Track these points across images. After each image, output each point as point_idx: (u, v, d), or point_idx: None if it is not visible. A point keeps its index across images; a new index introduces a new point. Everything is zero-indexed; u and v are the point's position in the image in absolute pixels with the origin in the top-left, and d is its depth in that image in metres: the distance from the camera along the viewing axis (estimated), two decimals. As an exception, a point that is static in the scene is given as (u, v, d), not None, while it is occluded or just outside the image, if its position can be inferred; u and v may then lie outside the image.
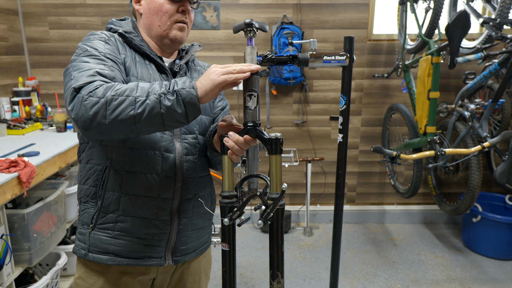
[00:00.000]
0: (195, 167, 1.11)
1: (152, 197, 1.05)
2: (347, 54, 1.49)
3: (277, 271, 0.92)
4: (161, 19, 1.07)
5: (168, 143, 1.06)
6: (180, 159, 1.07)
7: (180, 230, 1.11)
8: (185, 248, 1.14)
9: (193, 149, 1.10)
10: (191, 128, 1.10)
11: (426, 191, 3.47)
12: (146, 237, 1.07)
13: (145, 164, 1.03)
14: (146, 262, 1.08)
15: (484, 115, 2.40)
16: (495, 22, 2.16)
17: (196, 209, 1.14)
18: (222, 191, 0.94)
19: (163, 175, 1.05)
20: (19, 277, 1.99)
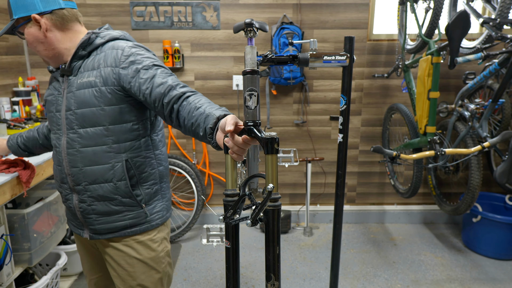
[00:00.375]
0: (77, 159, 1.24)
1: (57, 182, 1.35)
2: (347, 54, 1.49)
3: (271, 273, 0.92)
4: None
5: (55, 140, 1.29)
6: (64, 152, 1.26)
7: (82, 213, 1.30)
8: (94, 228, 1.31)
9: (73, 143, 1.24)
10: (70, 125, 1.24)
11: (426, 191, 3.47)
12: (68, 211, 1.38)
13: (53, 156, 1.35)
14: (75, 230, 1.40)
15: (484, 115, 2.40)
16: (495, 22, 2.16)
17: (93, 194, 1.27)
18: (225, 189, 0.95)
19: (57, 165, 1.31)
20: (19, 277, 1.99)
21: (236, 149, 0.91)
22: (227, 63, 3.17)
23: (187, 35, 3.11)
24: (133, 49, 1.21)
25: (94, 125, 1.22)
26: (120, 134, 1.23)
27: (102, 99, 1.20)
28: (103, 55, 1.22)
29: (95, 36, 1.25)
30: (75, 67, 1.24)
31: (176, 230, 3.15)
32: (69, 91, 1.23)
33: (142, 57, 1.20)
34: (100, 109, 1.21)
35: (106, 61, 1.21)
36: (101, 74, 1.20)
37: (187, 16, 3.06)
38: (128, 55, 1.19)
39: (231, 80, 3.20)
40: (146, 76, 1.16)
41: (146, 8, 3.04)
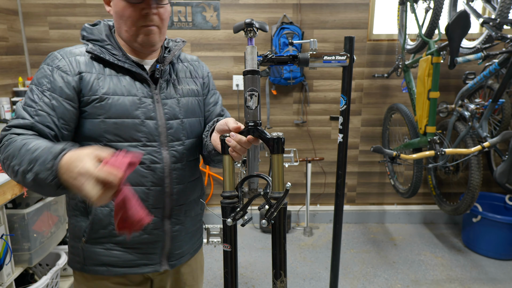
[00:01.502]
0: (184, 174, 1.10)
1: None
2: (347, 54, 1.49)
3: (280, 270, 0.92)
4: (125, 24, 1.01)
5: (153, 154, 1.04)
6: (168, 168, 1.06)
7: (174, 236, 1.12)
8: (180, 252, 1.16)
9: (181, 156, 1.08)
10: (177, 135, 1.08)
11: (426, 191, 3.47)
12: (140, 246, 1.08)
13: (132, 177, 1.02)
14: (142, 270, 1.09)
15: (484, 115, 2.40)
16: (495, 22, 2.16)
17: (188, 213, 1.15)
18: (223, 191, 0.94)
19: (152, 186, 1.04)
20: (19, 277, 1.99)
21: (238, 148, 0.91)
22: (227, 63, 3.17)
23: (187, 35, 3.11)
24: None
25: (196, 136, 1.15)
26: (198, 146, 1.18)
27: (201, 109, 1.18)
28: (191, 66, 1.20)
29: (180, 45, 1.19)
30: (166, 71, 1.10)
31: (176, 230, 3.15)
32: (170, 97, 1.08)
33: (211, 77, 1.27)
34: (201, 119, 1.18)
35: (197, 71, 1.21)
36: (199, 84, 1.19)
37: (187, 16, 3.06)
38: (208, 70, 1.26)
39: (231, 80, 3.20)
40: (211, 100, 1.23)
41: (146, 8, 3.03)
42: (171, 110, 1.07)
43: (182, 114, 1.09)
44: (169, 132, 1.06)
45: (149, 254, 1.09)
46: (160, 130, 1.05)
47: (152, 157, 1.03)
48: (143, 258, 1.09)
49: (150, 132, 1.03)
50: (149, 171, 1.03)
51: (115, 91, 1.01)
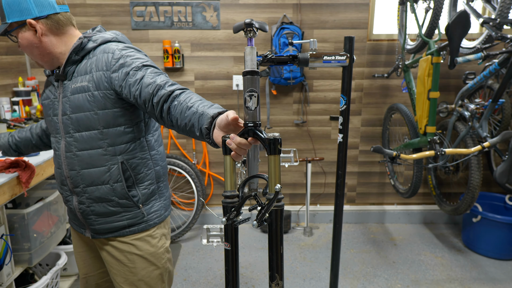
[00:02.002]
0: (74, 162, 1.27)
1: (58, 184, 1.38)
2: (347, 54, 1.49)
3: (275, 272, 0.92)
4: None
5: (56, 144, 1.31)
6: (63, 155, 1.29)
7: (82, 214, 1.33)
8: (94, 228, 1.34)
9: (70, 146, 1.26)
10: (66, 129, 1.26)
11: (426, 191, 3.47)
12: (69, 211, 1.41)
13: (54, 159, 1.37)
14: (78, 229, 1.43)
15: (484, 115, 2.40)
16: (495, 22, 2.16)
17: (91, 197, 1.29)
18: (224, 191, 0.94)
19: (57, 168, 1.34)
20: (19, 277, 1.99)
21: (238, 150, 0.91)
22: (227, 63, 3.17)
23: (187, 35, 3.11)
24: (123, 51, 1.20)
25: (88, 129, 1.24)
26: (114, 137, 1.25)
27: (95, 103, 1.21)
28: (95, 59, 1.22)
29: (87, 40, 1.25)
30: (69, 72, 1.25)
31: (176, 230, 3.15)
32: (64, 96, 1.25)
33: (132, 59, 1.19)
34: (93, 113, 1.22)
35: (97, 65, 1.21)
36: (93, 79, 1.20)
37: (187, 16, 3.06)
38: (118, 58, 1.19)
39: (231, 80, 3.20)
40: (135, 78, 1.14)
41: (146, 8, 3.04)
42: (64, 107, 1.25)
43: (69, 110, 1.24)
44: (63, 126, 1.26)
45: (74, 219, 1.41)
46: (59, 124, 1.27)
47: (55, 146, 1.32)
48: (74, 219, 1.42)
49: (55, 126, 1.30)
50: (55, 155, 1.33)
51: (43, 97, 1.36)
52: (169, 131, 3.28)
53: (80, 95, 1.22)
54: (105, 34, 1.28)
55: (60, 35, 1.24)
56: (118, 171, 1.27)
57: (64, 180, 1.32)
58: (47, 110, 1.33)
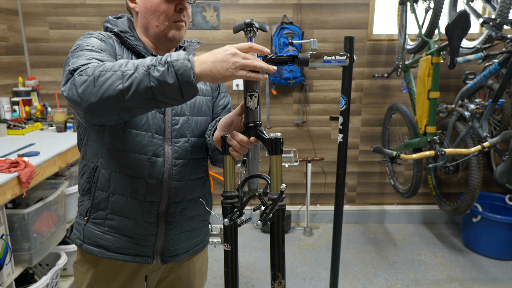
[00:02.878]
0: (185, 171, 1.10)
1: (138, 200, 1.06)
2: (347, 54, 1.49)
3: (278, 272, 0.92)
4: (158, 19, 1.05)
5: (157, 147, 1.05)
6: (169, 163, 1.07)
7: (168, 232, 1.12)
8: (175, 249, 1.15)
9: (184, 152, 1.09)
10: (182, 132, 1.09)
11: (426, 191, 3.47)
12: (133, 235, 1.09)
13: (132, 167, 1.04)
14: (133, 259, 1.11)
15: (484, 115, 2.40)
16: (495, 22, 2.16)
17: (185, 212, 1.14)
18: (224, 191, 0.94)
19: (150, 179, 1.06)
20: (19, 277, 1.99)
21: (239, 148, 0.91)
22: (227, 63, 3.17)
23: (187, 35, 3.10)
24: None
25: (202, 134, 1.14)
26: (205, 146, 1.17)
27: (209, 109, 1.17)
28: None
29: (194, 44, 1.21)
30: None
31: (176, 230, 3.15)
32: None
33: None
34: (209, 119, 1.17)
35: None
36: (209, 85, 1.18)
37: (187, 16, 3.06)
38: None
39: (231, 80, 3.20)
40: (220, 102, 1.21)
41: (146, 8, 3.03)
42: (178, 106, 1.08)
43: (188, 111, 1.10)
44: (174, 128, 1.07)
45: (142, 245, 1.10)
46: (166, 125, 1.06)
47: (155, 150, 1.05)
48: (136, 248, 1.10)
49: (159, 125, 1.06)
50: (149, 163, 1.05)
51: None
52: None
53: (200, 97, 1.14)
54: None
55: None
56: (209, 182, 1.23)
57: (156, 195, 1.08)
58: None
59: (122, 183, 1.05)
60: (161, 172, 1.06)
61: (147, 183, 1.05)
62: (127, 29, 1.09)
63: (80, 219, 1.14)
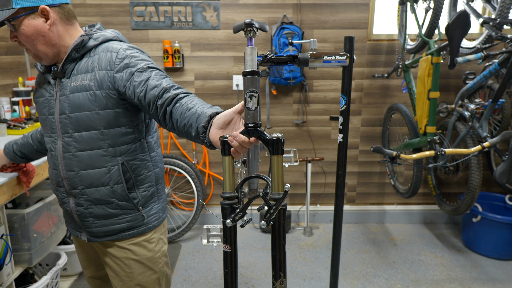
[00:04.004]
0: (72, 163, 1.24)
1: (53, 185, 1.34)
2: (347, 54, 1.49)
3: (279, 271, 0.92)
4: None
5: (52, 144, 1.27)
6: (60, 156, 1.25)
7: (79, 216, 1.30)
8: (91, 231, 1.32)
9: (68, 146, 1.23)
10: (65, 128, 1.23)
11: (426, 191, 3.47)
12: (65, 214, 1.39)
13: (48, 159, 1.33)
14: (73, 232, 1.40)
15: (484, 115, 2.40)
16: (495, 22, 2.16)
17: (90, 199, 1.27)
18: (223, 192, 0.94)
19: (53, 169, 1.30)
20: (19, 277, 1.99)
21: (239, 148, 0.91)
22: (227, 63, 3.17)
23: (187, 35, 3.11)
24: (127, 51, 1.19)
25: (89, 129, 1.21)
26: (115, 138, 1.23)
27: (97, 103, 1.18)
28: (97, 58, 1.20)
29: (88, 38, 1.22)
30: (68, 70, 1.21)
31: (176, 230, 3.15)
32: (62, 94, 1.21)
33: (137, 60, 1.17)
34: (95, 113, 1.19)
35: (100, 64, 1.18)
36: (95, 78, 1.18)
37: (187, 16, 3.06)
38: (122, 58, 1.17)
39: (231, 80, 3.20)
40: (140, 79, 1.13)
41: (146, 8, 3.04)
42: (61, 106, 1.22)
43: (68, 109, 1.21)
44: (60, 125, 1.23)
45: (71, 221, 1.37)
46: (56, 124, 1.24)
47: (51, 146, 1.28)
48: (70, 222, 1.39)
49: (51, 126, 1.26)
50: (50, 156, 1.30)
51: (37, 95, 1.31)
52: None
53: (80, 93, 1.19)
54: (105, 33, 1.26)
55: (67, 26, 1.21)
56: (119, 173, 1.25)
57: (60, 182, 1.29)
58: (41, 109, 1.28)
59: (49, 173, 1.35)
60: (57, 164, 1.27)
61: (53, 172, 1.31)
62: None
63: None
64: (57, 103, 1.23)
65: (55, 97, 1.23)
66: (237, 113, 0.97)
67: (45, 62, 1.24)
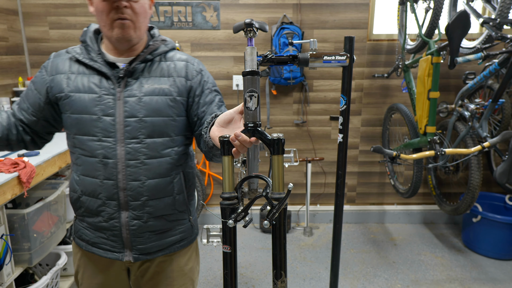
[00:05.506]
0: (140, 172, 1.13)
1: (99, 199, 1.15)
2: (347, 54, 1.49)
3: (280, 270, 0.92)
4: (102, 19, 1.07)
5: (107, 149, 1.11)
6: (122, 164, 1.11)
7: (133, 231, 1.16)
8: (144, 247, 1.19)
9: (137, 154, 1.12)
10: (134, 133, 1.11)
11: (426, 191, 3.47)
12: (102, 231, 1.18)
13: (89, 169, 1.13)
14: (107, 254, 1.20)
15: (484, 115, 2.40)
16: (495, 22, 2.16)
17: (151, 212, 1.16)
18: (223, 192, 0.94)
19: (104, 180, 1.12)
20: (19, 277, 1.99)
21: (240, 147, 0.91)
22: (227, 63, 3.17)
23: (187, 35, 3.11)
24: (200, 65, 1.23)
25: (162, 135, 1.14)
26: (180, 145, 1.20)
27: (175, 109, 1.15)
28: (173, 64, 1.18)
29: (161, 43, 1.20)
30: (137, 69, 1.14)
31: (176, 230, 3.15)
32: (132, 95, 1.11)
33: (208, 77, 1.22)
34: (172, 119, 1.15)
35: (178, 71, 1.17)
36: (176, 84, 1.16)
37: (187, 16, 3.06)
38: (199, 71, 1.20)
39: (231, 80, 3.20)
40: (206, 99, 1.18)
41: (146, 8, 3.03)
42: (131, 108, 1.11)
43: (142, 112, 1.11)
44: (126, 129, 1.11)
45: (111, 241, 1.18)
46: (117, 127, 1.10)
47: (106, 153, 1.11)
48: (107, 244, 1.19)
49: (106, 128, 1.10)
50: (102, 165, 1.11)
51: (78, 89, 1.11)
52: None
53: (158, 97, 1.13)
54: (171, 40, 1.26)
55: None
56: (181, 182, 1.21)
57: (114, 194, 1.13)
58: (84, 107, 1.11)
59: (85, 185, 1.15)
60: (114, 173, 1.11)
61: (102, 184, 1.13)
62: (87, 39, 1.17)
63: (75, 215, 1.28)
64: (120, 104, 1.11)
65: (118, 97, 1.11)
66: (238, 113, 0.99)
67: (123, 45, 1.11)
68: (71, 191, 1.20)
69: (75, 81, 1.12)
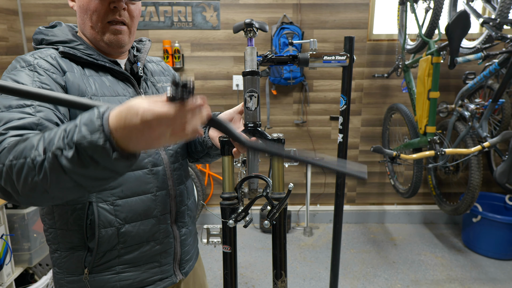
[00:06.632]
0: (182, 173, 1.06)
1: (153, 218, 0.97)
2: (347, 54, 1.49)
3: (281, 270, 0.92)
4: (91, 19, 0.91)
5: (154, 155, 0.97)
6: (169, 169, 1.00)
7: (183, 241, 1.07)
8: (189, 257, 1.10)
9: (177, 155, 1.05)
10: None
11: (426, 191, 3.47)
12: (153, 260, 1.00)
13: (136, 185, 0.93)
14: (158, 286, 1.01)
15: (484, 115, 2.40)
16: (495, 22, 2.16)
17: (190, 214, 1.11)
18: (223, 192, 0.94)
19: (157, 191, 0.97)
20: (19, 277, 1.99)
21: (240, 147, 0.91)
22: (227, 63, 3.17)
23: (187, 35, 3.11)
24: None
25: None
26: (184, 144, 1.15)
27: None
28: (159, 65, 1.16)
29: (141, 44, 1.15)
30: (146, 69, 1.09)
31: (176, 230, 3.15)
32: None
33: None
34: None
35: (167, 70, 1.17)
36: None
37: (187, 16, 3.06)
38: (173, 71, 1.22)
39: (231, 80, 3.20)
40: None
41: (146, 8, 3.04)
42: None
43: None
44: None
45: (163, 266, 1.01)
46: None
47: (153, 159, 0.97)
48: (158, 272, 1.00)
49: None
50: (152, 175, 0.96)
51: (103, 92, 0.92)
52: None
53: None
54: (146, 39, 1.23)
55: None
56: (192, 183, 1.19)
57: (167, 206, 1.00)
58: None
59: (131, 208, 0.93)
60: (165, 181, 0.99)
61: (156, 197, 0.97)
62: (71, 38, 0.93)
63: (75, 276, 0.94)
64: None
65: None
66: (238, 113, 0.99)
67: (116, 51, 0.98)
68: (100, 229, 0.90)
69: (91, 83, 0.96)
